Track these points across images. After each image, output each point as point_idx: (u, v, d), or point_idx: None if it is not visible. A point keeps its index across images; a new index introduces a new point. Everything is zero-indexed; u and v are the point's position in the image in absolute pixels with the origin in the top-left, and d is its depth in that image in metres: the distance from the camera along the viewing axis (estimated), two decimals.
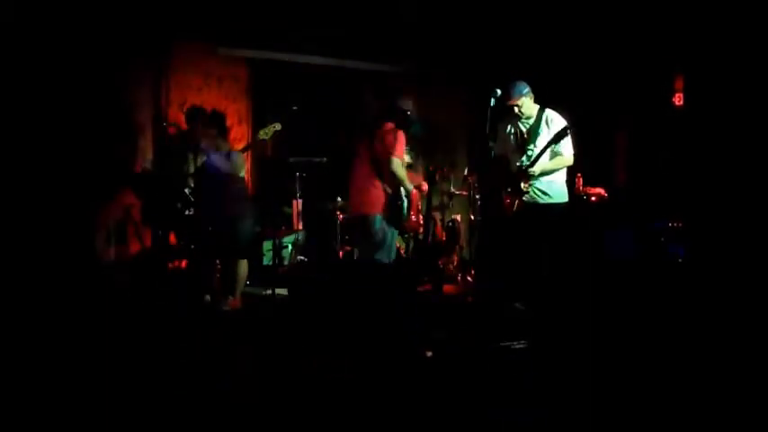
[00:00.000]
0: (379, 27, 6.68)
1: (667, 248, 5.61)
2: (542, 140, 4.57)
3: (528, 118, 4.71)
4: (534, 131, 4.65)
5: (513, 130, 4.81)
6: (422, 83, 7.37)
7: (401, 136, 4.78)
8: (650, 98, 6.08)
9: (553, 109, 4.73)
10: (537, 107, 4.71)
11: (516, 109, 4.69)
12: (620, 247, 5.53)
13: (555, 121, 4.64)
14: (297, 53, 6.87)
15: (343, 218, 6.07)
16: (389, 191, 4.83)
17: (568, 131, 4.43)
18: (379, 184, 4.81)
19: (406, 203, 4.94)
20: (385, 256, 4.83)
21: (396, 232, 4.99)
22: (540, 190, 4.64)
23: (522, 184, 4.58)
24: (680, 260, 5.58)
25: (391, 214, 4.85)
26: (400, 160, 4.75)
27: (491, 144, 4.74)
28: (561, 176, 4.73)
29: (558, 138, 4.39)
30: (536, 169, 4.54)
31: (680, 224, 5.69)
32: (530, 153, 4.64)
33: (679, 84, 6.00)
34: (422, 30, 6.80)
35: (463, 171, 6.58)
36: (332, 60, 7.02)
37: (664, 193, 5.95)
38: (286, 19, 6.42)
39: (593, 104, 5.12)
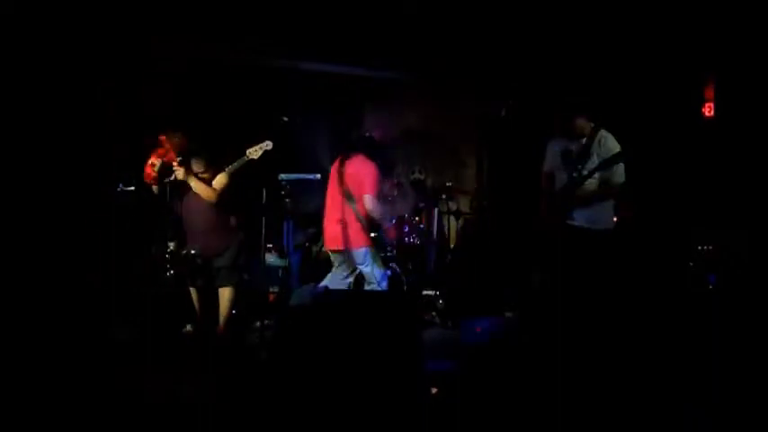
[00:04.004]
0: (379, 32, 6.50)
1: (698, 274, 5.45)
2: (592, 163, 4.48)
3: (579, 137, 4.59)
4: (584, 153, 4.53)
5: (561, 148, 4.69)
6: (427, 93, 7.26)
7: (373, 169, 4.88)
8: (677, 108, 5.88)
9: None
10: (590, 126, 4.59)
11: (568, 127, 4.61)
12: None
13: (608, 144, 4.52)
14: (289, 58, 6.70)
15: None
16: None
17: (621, 158, 4.34)
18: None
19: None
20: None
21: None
22: (584, 216, 4.53)
23: (562, 206, 4.56)
24: (710, 287, 5.39)
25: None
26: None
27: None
28: (609, 203, 4.65)
29: (608, 163, 4.33)
30: (579, 194, 4.49)
31: (711, 248, 5.49)
32: (576, 175, 4.51)
33: (709, 93, 5.85)
34: (427, 36, 6.63)
35: (472, 189, 6.60)
36: (329, 67, 6.88)
37: (694, 212, 5.72)
38: (277, 19, 6.17)
39: (613, 116, 4.89)
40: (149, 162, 4.91)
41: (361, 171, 4.73)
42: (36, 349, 4.07)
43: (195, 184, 4.87)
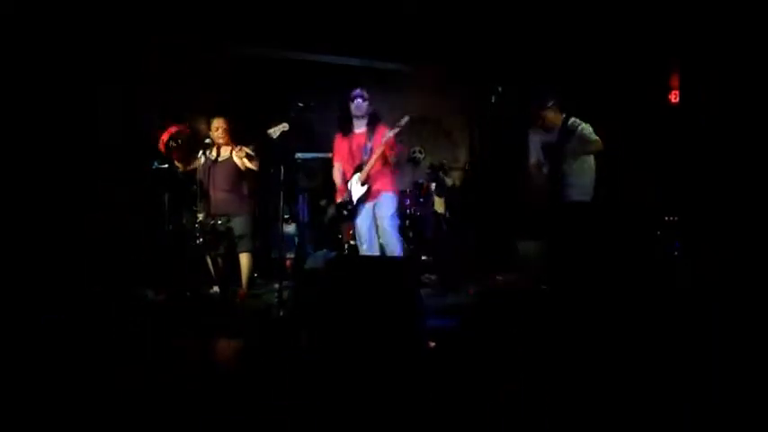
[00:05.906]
0: (385, 29, 6.71)
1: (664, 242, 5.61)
2: (569, 154, 4.50)
3: (552, 129, 4.55)
4: (560, 146, 4.50)
5: (540, 141, 4.66)
6: (425, 83, 7.46)
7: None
8: (645, 96, 5.99)
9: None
10: (561, 117, 4.55)
11: (541, 120, 4.55)
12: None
13: (578, 132, 4.50)
14: (301, 51, 6.98)
15: None
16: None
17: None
18: None
19: None
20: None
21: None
22: (574, 192, 4.61)
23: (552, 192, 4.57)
24: (675, 253, 5.56)
25: None
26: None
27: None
28: (590, 175, 4.63)
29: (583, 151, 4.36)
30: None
31: (675, 218, 5.67)
32: (560, 167, 4.52)
33: (675, 81, 5.94)
34: (423, 28, 6.81)
35: (464, 166, 6.80)
36: (337, 58, 7.13)
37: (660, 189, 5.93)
38: (293, 18, 6.46)
39: (587, 101, 4.99)
40: (163, 139, 5.14)
41: None
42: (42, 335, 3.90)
43: (239, 157, 5.13)
